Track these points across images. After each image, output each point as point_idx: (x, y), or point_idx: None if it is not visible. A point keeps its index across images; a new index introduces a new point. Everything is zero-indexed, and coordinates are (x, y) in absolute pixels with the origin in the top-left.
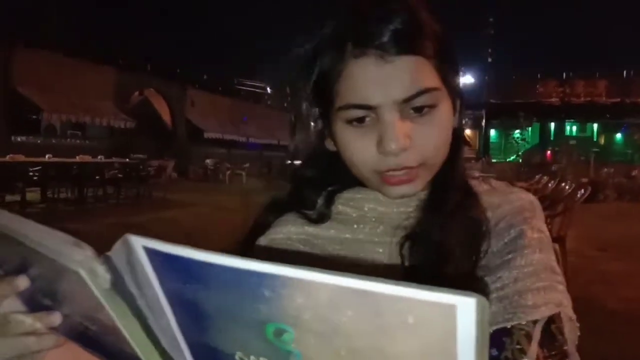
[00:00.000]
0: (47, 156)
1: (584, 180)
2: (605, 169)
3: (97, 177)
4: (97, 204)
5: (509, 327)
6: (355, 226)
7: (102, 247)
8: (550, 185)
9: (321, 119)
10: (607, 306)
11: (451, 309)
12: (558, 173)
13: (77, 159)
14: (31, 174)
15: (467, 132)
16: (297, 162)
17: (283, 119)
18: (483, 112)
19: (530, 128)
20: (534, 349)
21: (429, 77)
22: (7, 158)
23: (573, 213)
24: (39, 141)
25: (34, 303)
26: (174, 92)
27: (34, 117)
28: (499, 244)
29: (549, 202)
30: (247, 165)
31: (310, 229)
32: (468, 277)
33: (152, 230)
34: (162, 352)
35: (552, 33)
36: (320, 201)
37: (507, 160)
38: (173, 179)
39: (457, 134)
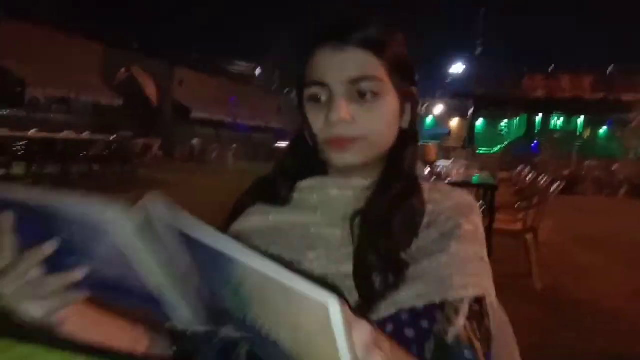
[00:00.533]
0: (32, 131)
1: (565, 172)
2: (587, 162)
3: (82, 154)
4: (82, 181)
5: (438, 302)
6: (314, 211)
7: None
8: (528, 178)
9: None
10: (576, 297)
11: (323, 307)
12: (540, 165)
13: (63, 134)
14: (16, 148)
15: (455, 121)
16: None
17: (271, 102)
18: (471, 103)
19: (517, 119)
20: (460, 321)
21: (374, 69)
22: None
23: (547, 205)
24: (22, 115)
25: (59, 263)
26: (162, 70)
27: (19, 89)
28: (438, 233)
29: (526, 195)
30: (234, 146)
31: (276, 217)
32: (398, 258)
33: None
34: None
35: (540, 28)
36: (284, 190)
37: (492, 151)
38: (159, 158)
39: (409, 134)
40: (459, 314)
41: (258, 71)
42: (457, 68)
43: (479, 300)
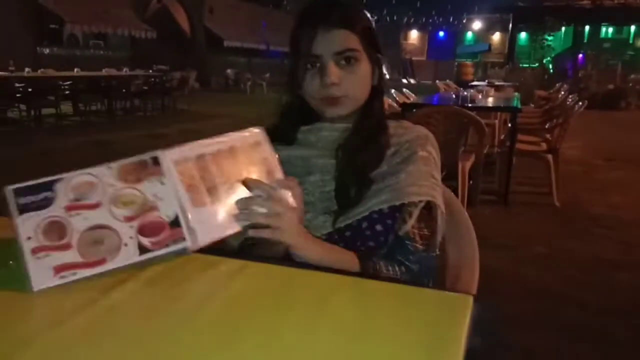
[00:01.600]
0: (75, 70)
1: (610, 87)
2: (632, 76)
3: (123, 90)
4: (126, 116)
5: (397, 204)
6: (312, 147)
7: (132, 155)
8: (560, 96)
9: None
10: (592, 211)
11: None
12: (584, 79)
13: (104, 72)
14: (63, 87)
15: (497, 36)
16: None
17: None
18: (510, 16)
19: (562, 31)
20: (412, 221)
21: (353, 43)
22: (39, 72)
23: (568, 125)
24: (62, 53)
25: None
26: None
27: (55, 27)
28: (400, 158)
29: (554, 114)
30: (267, 75)
31: (285, 152)
32: (367, 177)
33: (177, 140)
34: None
35: None
36: (290, 132)
37: (531, 66)
38: (196, 90)
39: (378, 90)
40: (412, 216)
41: None
42: None
43: (430, 207)
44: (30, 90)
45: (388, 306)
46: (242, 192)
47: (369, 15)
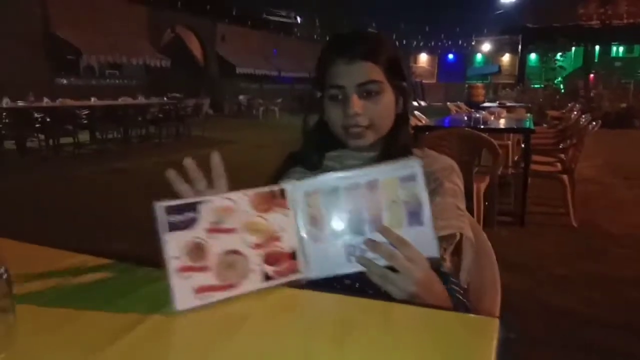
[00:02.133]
0: (92, 99)
1: (622, 105)
2: None
3: (139, 118)
4: (142, 144)
5: None
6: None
7: (149, 182)
8: (573, 115)
9: (320, 99)
10: (608, 230)
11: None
12: (596, 99)
13: (120, 100)
14: (80, 117)
15: (507, 57)
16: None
17: (314, 50)
18: (519, 38)
19: (573, 50)
20: (447, 256)
21: (376, 74)
22: (57, 102)
23: (583, 146)
24: (79, 83)
25: None
26: (205, 27)
27: (72, 58)
28: (428, 189)
29: (568, 134)
30: (279, 100)
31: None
32: None
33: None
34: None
35: None
36: (315, 158)
37: (541, 86)
38: (209, 116)
39: (403, 117)
40: (446, 251)
41: (298, 20)
42: None
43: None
44: (48, 120)
45: (415, 330)
46: (370, 231)
47: (394, 44)
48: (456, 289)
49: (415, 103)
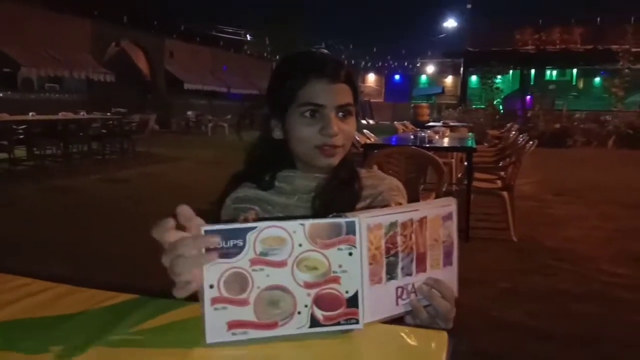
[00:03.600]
0: (30, 114)
1: (556, 125)
2: (577, 115)
3: (80, 134)
4: (83, 160)
5: None
6: (288, 195)
7: (91, 201)
8: (512, 135)
9: (276, 116)
10: (548, 244)
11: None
12: (532, 119)
13: (60, 115)
14: (17, 132)
15: (449, 79)
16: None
17: (264, 68)
18: (461, 61)
19: (511, 74)
20: None
21: (350, 97)
22: None
23: (520, 165)
24: (16, 97)
25: None
26: (152, 43)
27: (9, 71)
28: (375, 208)
29: (507, 153)
30: (229, 117)
31: (261, 194)
32: None
33: (138, 185)
34: None
35: None
36: (267, 177)
37: (482, 107)
38: (156, 132)
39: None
40: None
41: (248, 38)
42: (449, 24)
43: None
44: None
45: (369, 344)
46: (418, 271)
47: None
48: None
49: (363, 121)
